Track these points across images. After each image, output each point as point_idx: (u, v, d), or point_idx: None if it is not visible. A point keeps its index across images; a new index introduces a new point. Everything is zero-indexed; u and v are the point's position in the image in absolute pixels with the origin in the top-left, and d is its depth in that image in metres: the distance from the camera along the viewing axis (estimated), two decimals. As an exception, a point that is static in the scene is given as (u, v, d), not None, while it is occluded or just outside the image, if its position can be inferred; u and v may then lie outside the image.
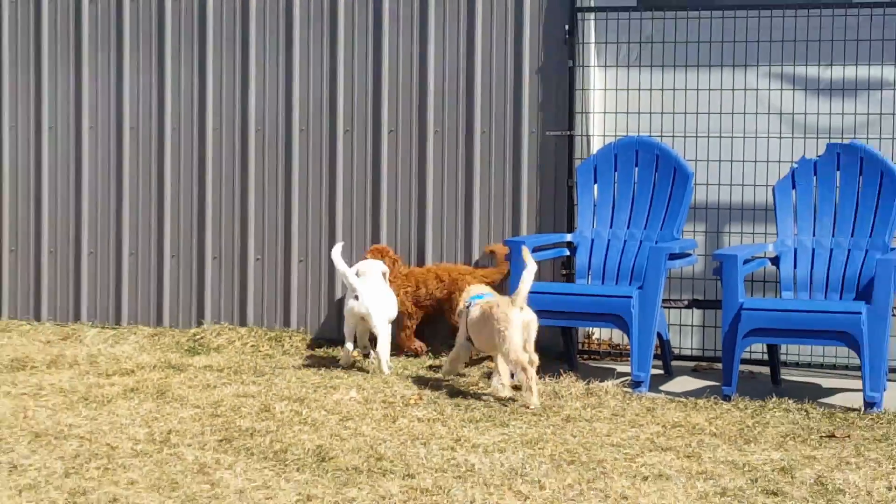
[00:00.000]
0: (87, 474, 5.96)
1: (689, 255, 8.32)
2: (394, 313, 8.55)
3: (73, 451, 6.34)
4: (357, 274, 8.42)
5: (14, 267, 10.00)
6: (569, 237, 8.62)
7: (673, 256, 8.05)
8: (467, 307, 7.88)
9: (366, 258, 8.74)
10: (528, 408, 7.31)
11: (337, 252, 8.44)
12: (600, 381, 7.89)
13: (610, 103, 9.01)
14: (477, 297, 7.91)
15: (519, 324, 7.50)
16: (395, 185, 9.17)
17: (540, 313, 7.92)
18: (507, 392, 7.61)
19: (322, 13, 9.29)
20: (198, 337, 9.24)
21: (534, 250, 8.14)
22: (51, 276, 9.90)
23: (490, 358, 8.07)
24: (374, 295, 8.37)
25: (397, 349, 8.83)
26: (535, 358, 7.59)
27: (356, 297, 8.33)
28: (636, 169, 8.55)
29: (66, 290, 9.86)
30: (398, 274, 8.76)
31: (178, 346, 9.02)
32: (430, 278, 8.66)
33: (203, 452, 6.32)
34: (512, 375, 7.66)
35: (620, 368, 8.48)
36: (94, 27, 9.75)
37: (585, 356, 8.88)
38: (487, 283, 8.43)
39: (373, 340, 8.52)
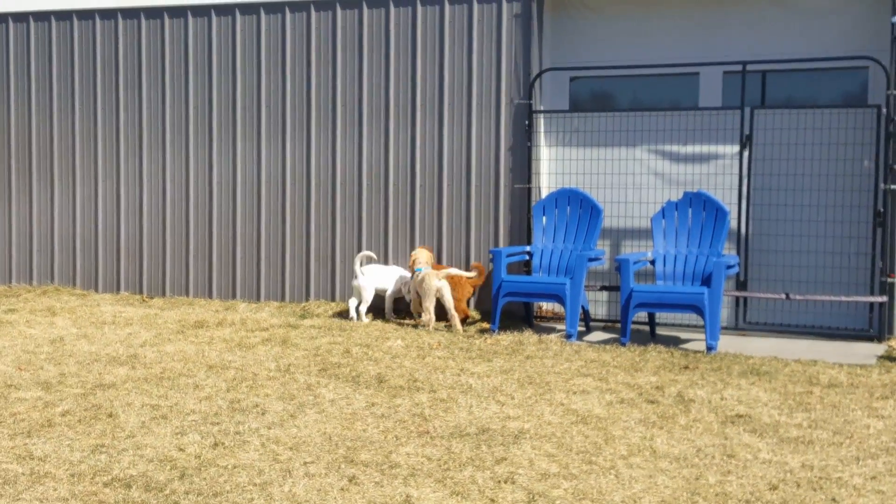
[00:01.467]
0: (240, 390, 6.02)
1: (600, 258, 8.35)
2: (376, 288, 8.74)
3: (231, 376, 6.40)
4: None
5: (200, 265, 10.00)
6: (528, 248, 8.63)
7: (590, 259, 8.08)
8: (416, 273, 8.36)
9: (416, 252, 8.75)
10: (426, 327, 8.13)
11: (358, 259, 8.70)
12: (547, 335, 7.92)
13: (552, 168, 9.03)
14: (418, 269, 8.34)
15: (433, 287, 8.10)
16: (423, 217, 9.18)
17: (511, 294, 8.02)
18: (431, 324, 8.20)
19: (381, 117, 9.29)
20: (306, 308, 9.26)
21: (507, 256, 8.20)
22: (217, 270, 9.91)
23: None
24: (367, 276, 8.65)
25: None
26: (449, 306, 8.20)
27: (356, 278, 8.67)
28: (568, 207, 8.58)
29: (227, 278, 9.88)
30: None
31: (294, 313, 9.01)
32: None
33: (309, 377, 6.38)
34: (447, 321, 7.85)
35: (559, 327, 8.49)
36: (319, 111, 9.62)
37: (538, 319, 8.87)
38: (472, 285, 8.63)
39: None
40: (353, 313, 8.66)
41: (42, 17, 10.30)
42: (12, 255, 10.53)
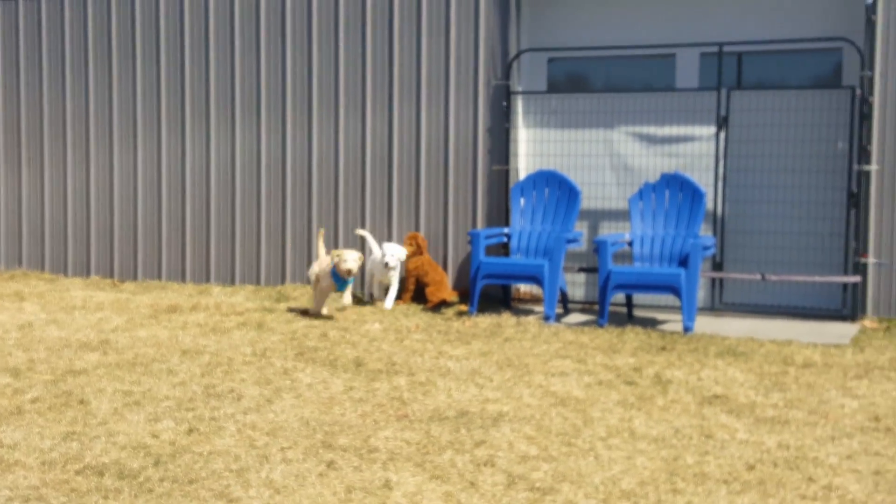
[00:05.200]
0: (215, 375, 5.98)
1: (578, 240, 8.35)
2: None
3: (206, 361, 6.36)
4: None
5: (173, 248, 9.90)
6: (506, 230, 8.62)
7: (568, 241, 8.08)
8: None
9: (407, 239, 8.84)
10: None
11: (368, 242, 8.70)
12: (525, 317, 7.92)
13: (530, 149, 9.01)
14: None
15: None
16: (401, 198, 9.13)
17: (489, 276, 8.02)
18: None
19: (357, 101, 9.22)
20: (282, 291, 9.20)
21: (486, 237, 8.19)
22: (191, 253, 9.82)
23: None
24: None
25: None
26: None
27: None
28: (546, 189, 8.57)
29: (201, 261, 9.81)
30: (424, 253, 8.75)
31: (269, 297, 8.95)
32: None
33: (286, 362, 6.34)
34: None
35: (537, 309, 8.49)
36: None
37: (516, 302, 8.87)
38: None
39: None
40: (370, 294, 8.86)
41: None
42: (-20, 240, 10.40)
